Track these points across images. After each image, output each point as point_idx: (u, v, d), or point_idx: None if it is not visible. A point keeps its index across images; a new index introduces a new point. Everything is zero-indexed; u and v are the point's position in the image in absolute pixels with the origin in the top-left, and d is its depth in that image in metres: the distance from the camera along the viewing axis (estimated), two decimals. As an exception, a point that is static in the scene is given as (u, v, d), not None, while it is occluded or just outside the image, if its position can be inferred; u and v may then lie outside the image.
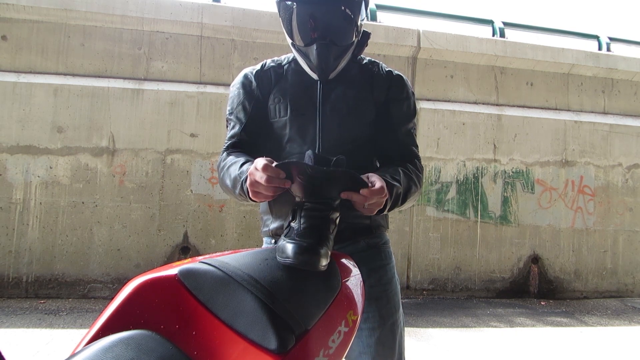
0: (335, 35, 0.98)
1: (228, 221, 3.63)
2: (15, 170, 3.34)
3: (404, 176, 0.97)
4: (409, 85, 1.13)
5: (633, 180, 4.45)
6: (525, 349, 2.79)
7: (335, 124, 1.03)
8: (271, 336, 0.58)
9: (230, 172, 0.96)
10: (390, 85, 1.09)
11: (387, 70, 1.12)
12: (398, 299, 1.08)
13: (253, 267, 0.68)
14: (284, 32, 1.03)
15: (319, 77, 1.03)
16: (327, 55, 0.98)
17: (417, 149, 1.11)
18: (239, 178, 0.90)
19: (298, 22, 0.98)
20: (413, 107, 1.12)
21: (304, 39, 0.99)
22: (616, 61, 4.50)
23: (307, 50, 0.99)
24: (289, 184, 0.80)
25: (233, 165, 0.96)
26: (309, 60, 1.00)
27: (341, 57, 1.01)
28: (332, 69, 1.01)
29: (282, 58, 1.13)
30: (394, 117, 1.08)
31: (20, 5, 3.38)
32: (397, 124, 1.08)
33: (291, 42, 1.03)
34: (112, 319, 0.56)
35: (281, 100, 1.05)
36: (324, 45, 0.97)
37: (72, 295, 3.36)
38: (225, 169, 0.99)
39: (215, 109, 3.65)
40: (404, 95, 1.10)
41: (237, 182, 0.91)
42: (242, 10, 3.73)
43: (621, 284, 4.35)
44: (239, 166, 0.93)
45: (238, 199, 0.97)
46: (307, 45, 0.99)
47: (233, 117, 1.09)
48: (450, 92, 4.22)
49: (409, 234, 3.92)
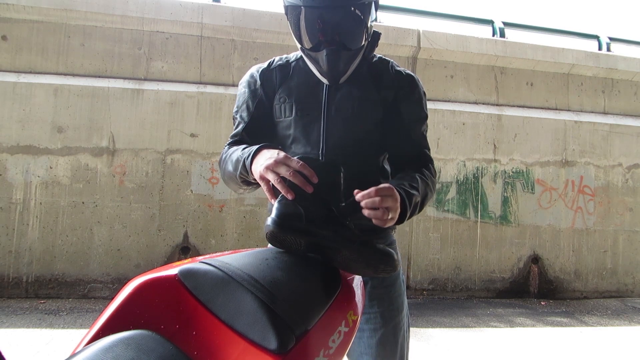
0: (345, 39, 0.95)
1: (228, 221, 3.63)
2: (15, 170, 3.34)
3: (422, 183, 0.95)
4: (421, 86, 1.10)
5: (633, 180, 4.45)
6: (525, 349, 2.79)
7: (340, 124, 1.01)
8: (271, 336, 0.58)
9: (232, 157, 0.94)
10: (399, 85, 1.06)
11: (397, 70, 1.09)
12: (402, 300, 1.07)
13: (253, 267, 0.68)
14: (292, 36, 1.01)
15: (329, 82, 1.01)
16: (337, 61, 0.95)
17: (429, 152, 1.08)
18: (242, 157, 0.89)
19: (306, 26, 0.95)
20: (425, 108, 1.10)
21: (313, 44, 0.96)
22: (616, 61, 4.50)
23: (317, 55, 0.97)
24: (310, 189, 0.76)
25: (235, 152, 0.95)
26: (318, 65, 0.98)
27: (351, 61, 0.99)
28: (342, 74, 0.99)
29: (290, 56, 1.12)
30: (406, 118, 1.05)
31: (20, 5, 3.38)
32: (410, 126, 1.06)
33: (300, 46, 1.00)
34: (112, 319, 0.56)
35: (286, 100, 1.04)
36: (333, 50, 0.94)
37: (72, 295, 3.36)
38: (228, 157, 0.97)
39: (215, 109, 3.66)
40: (416, 96, 1.08)
41: (239, 161, 0.89)
42: (242, 10, 3.73)
43: (621, 284, 4.35)
44: (241, 149, 0.92)
45: (237, 183, 0.94)
46: (316, 50, 0.96)
47: (238, 116, 1.09)
48: (450, 92, 4.22)
49: (409, 234, 3.92)
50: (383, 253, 0.75)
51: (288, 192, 0.76)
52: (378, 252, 0.74)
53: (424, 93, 1.10)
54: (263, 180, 0.81)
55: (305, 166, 0.76)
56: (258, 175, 0.82)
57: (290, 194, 0.75)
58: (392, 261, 0.75)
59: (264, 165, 0.79)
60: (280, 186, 0.76)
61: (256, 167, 0.83)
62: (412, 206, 0.88)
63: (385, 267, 0.75)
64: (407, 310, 1.11)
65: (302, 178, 0.76)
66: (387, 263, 0.74)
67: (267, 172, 0.78)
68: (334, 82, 1.01)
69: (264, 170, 0.79)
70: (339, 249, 0.74)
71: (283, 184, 0.76)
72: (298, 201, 0.75)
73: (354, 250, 0.73)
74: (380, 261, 0.74)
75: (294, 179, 0.75)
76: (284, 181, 0.76)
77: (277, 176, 0.77)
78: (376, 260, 0.74)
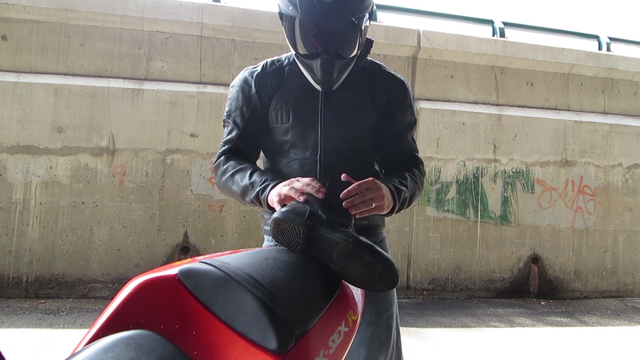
0: (339, 48, 0.97)
1: (228, 221, 3.63)
2: (15, 170, 3.34)
3: (411, 180, 1.03)
4: (410, 91, 1.16)
5: (633, 180, 4.45)
6: (525, 349, 2.79)
7: (336, 130, 1.05)
8: (271, 336, 0.58)
9: (236, 179, 1.01)
10: (392, 91, 1.11)
11: (389, 74, 1.13)
12: (393, 293, 1.12)
13: (253, 267, 0.68)
14: (287, 42, 1.02)
15: (323, 89, 1.03)
16: (331, 70, 0.98)
17: (418, 154, 1.16)
18: (252, 188, 0.96)
19: (302, 35, 0.97)
20: (415, 112, 1.16)
21: (308, 51, 0.98)
22: (616, 61, 4.50)
23: (311, 62, 0.99)
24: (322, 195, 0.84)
25: (238, 173, 1.01)
26: (312, 73, 1.01)
27: (345, 69, 1.02)
28: (336, 81, 1.02)
29: (282, 57, 1.13)
30: (398, 125, 1.11)
31: (20, 5, 3.38)
32: (402, 133, 1.12)
33: (294, 52, 1.02)
34: (112, 319, 0.56)
35: (283, 106, 1.06)
36: (328, 59, 0.96)
37: (72, 295, 3.36)
38: (229, 175, 1.03)
39: (215, 109, 3.66)
40: (407, 103, 1.13)
41: (248, 191, 0.97)
42: (242, 10, 3.73)
43: (621, 284, 4.35)
44: (247, 175, 0.99)
45: (242, 203, 1.02)
46: (311, 58, 0.98)
47: (230, 120, 1.10)
48: (450, 92, 4.22)
49: (409, 234, 3.92)
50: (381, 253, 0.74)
51: (300, 196, 0.83)
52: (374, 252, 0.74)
53: (413, 97, 1.16)
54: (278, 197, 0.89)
55: (314, 180, 0.87)
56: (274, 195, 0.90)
57: (302, 197, 0.83)
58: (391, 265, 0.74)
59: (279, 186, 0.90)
60: (292, 192, 0.85)
61: (272, 195, 0.91)
62: (401, 201, 0.97)
63: (383, 271, 0.74)
64: (396, 300, 1.16)
65: (314, 187, 0.84)
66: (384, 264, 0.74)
67: (282, 188, 0.88)
68: (328, 89, 1.03)
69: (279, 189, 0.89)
70: (335, 241, 0.75)
71: (295, 191, 0.85)
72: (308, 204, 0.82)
73: (349, 244, 0.74)
74: (378, 261, 0.73)
75: (306, 189, 0.84)
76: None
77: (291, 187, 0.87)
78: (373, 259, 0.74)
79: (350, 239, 0.74)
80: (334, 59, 0.97)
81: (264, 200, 0.93)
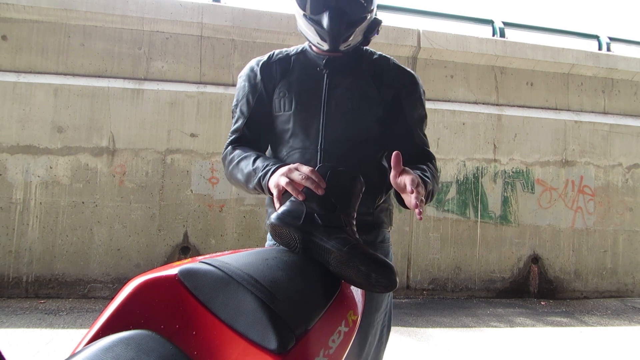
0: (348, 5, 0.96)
1: (228, 221, 3.63)
2: (15, 170, 3.34)
3: (430, 174, 0.96)
4: (421, 84, 1.12)
5: (633, 180, 4.45)
6: (525, 349, 2.79)
7: (339, 120, 1.02)
8: (271, 336, 0.58)
9: (240, 166, 0.99)
10: (401, 83, 1.07)
11: (398, 67, 1.10)
12: (381, 300, 1.05)
13: (253, 267, 0.68)
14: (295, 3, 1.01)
15: (330, 45, 0.99)
16: (340, 22, 0.95)
17: (430, 149, 1.10)
18: (254, 174, 0.94)
19: None
20: (425, 107, 1.12)
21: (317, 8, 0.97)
22: (616, 61, 4.50)
23: (319, 17, 0.96)
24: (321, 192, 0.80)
25: (243, 160, 0.99)
26: (320, 27, 0.97)
27: (353, 27, 0.98)
28: (344, 38, 0.98)
29: (290, 49, 1.12)
30: (409, 118, 1.07)
31: (20, 5, 3.38)
32: (412, 126, 1.07)
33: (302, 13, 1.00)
34: (112, 319, 0.56)
35: (286, 94, 1.04)
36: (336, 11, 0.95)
37: (72, 295, 3.36)
38: (235, 163, 1.02)
39: (215, 109, 3.66)
40: (417, 96, 1.09)
41: (251, 178, 0.95)
42: (242, 10, 3.73)
43: (621, 284, 4.35)
44: (251, 161, 0.97)
45: (246, 191, 1.00)
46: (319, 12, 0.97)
47: (237, 110, 1.10)
48: (450, 92, 4.22)
49: (409, 233, 3.92)
50: (377, 261, 0.72)
51: (299, 194, 0.80)
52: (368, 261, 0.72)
53: (423, 92, 1.12)
54: (276, 189, 0.85)
55: (315, 172, 0.81)
56: (273, 185, 0.87)
57: (300, 195, 0.80)
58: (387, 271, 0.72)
59: (279, 173, 0.86)
60: (290, 188, 0.81)
61: (271, 182, 0.88)
62: (427, 192, 0.90)
63: (379, 278, 0.72)
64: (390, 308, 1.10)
65: (313, 181, 0.80)
66: (379, 272, 0.72)
67: (280, 178, 0.84)
68: (335, 46, 0.99)
69: (277, 178, 0.85)
70: (330, 250, 0.74)
71: (293, 186, 0.81)
72: (307, 202, 0.80)
73: (343, 253, 0.72)
74: (373, 270, 0.71)
75: (305, 182, 0.80)
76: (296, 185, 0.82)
77: (289, 180, 0.82)
78: (367, 268, 0.71)
79: (344, 248, 0.72)
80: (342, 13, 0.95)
81: (265, 186, 0.90)
